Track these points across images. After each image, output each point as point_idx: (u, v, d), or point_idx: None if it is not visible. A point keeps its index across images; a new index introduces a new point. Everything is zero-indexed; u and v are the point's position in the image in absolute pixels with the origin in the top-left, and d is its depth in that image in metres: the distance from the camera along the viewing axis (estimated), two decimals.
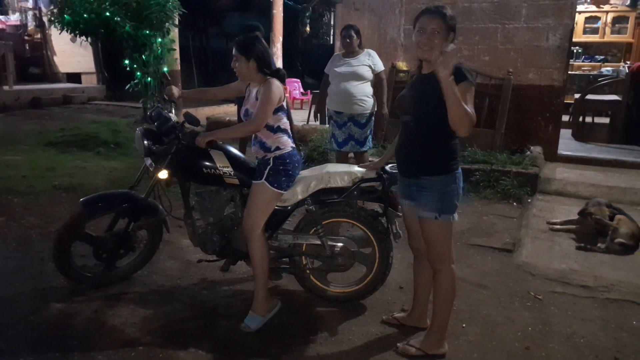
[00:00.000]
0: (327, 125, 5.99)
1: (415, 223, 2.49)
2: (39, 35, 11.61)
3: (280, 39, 9.52)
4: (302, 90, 11.35)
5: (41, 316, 2.78)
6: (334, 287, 3.03)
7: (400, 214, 2.79)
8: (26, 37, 11.63)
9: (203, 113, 9.17)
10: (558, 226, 4.29)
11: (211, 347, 2.56)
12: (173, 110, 3.00)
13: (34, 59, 11.74)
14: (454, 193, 2.33)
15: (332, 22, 17.20)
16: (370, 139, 4.79)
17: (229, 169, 2.80)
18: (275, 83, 2.65)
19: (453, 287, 2.48)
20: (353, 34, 4.46)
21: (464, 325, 2.83)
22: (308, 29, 11.11)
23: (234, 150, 2.92)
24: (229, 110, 9.82)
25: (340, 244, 2.91)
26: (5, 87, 9.32)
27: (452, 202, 2.34)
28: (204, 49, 15.65)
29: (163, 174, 2.86)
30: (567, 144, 6.71)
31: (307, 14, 10.76)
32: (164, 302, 2.99)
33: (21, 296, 2.99)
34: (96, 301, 2.95)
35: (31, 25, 11.59)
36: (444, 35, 2.22)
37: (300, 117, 8.49)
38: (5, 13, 11.84)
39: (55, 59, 11.71)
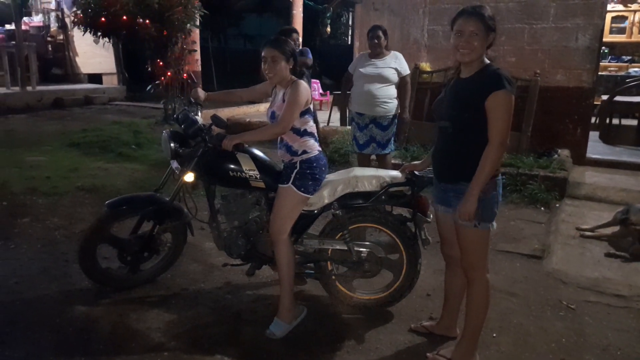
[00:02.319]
0: (348, 127, 5.95)
1: (449, 229, 2.41)
2: (61, 37, 11.77)
3: (300, 39, 9.49)
4: (321, 91, 11.29)
5: (67, 319, 2.77)
6: (360, 293, 2.97)
7: (429, 220, 2.73)
8: (49, 38, 11.79)
9: (223, 114, 9.18)
10: (589, 233, 4.15)
11: (236, 354, 2.53)
12: (199, 113, 2.97)
13: (56, 60, 11.90)
14: (493, 200, 2.25)
15: (350, 23, 17.15)
16: (393, 142, 4.72)
17: (255, 172, 2.76)
18: (303, 85, 2.61)
19: (487, 297, 2.40)
20: (381, 34, 4.40)
21: (494, 334, 2.75)
22: (329, 29, 11.04)
23: (260, 154, 2.88)
24: (249, 112, 9.81)
25: (366, 250, 2.85)
26: (29, 88, 9.45)
27: (492, 210, 2.26)
28: (223, 49, 15.71)
29: (189, 177, 2.83)
30: (594, 146, 6.54)
31: (328, 15, 10.69)
32: (188, 306, 2.96)
33: (46, 298, 3.00)
34: (121, 304, 2.94)
35: (54, 26, 11.75)
36: (483, 36, 2.15)
37: (320, 118, 8.41)
38: (29, 14, 12.03)
39: (77, 59, 11.86)
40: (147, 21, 7.12)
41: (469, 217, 2.18)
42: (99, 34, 7.46)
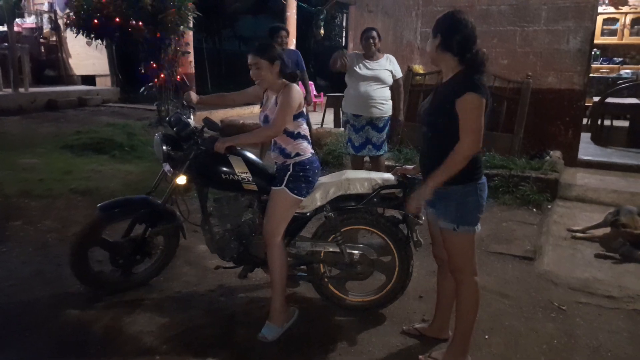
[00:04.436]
0: (341, 129, 5.96)
1: (438, 232, 2.43)
2: (54, 38, 11.69)
3: (294, 41, 9.52)
4: (315, 92, 11.29)
5: (59, 323, 2.77)
6: (353, 295, 2.98)
7: (421, 222, 2.74)
8: (42, 40, 11.71)
9: (217, 116, 9.15)
10: (580, 234, 4.18)
11: (229, 357, 2.54)
12: (192, 116, 2.98)
13: (49, 62, 11.82)
14: (474, 204, 2.26)
15: (344, 24, 17.16)
16: (386, 143, 4.74)
17: (247, 175, 2.76)
18: (295, 88, 2.63)
19: (476, 299, 2.41)
20: (375, 35, 4.44)
21: (486, 336, 2.77)
22: (322, 31, 11.04)
23: (252, 156, 2.89)
24: (242, 113, 9.81)
25: (359, 252, 2.86)
26: (21, 90, 9.38)
27: (472, 214, 2.27)
28: (217, 51, 15.67)
29: (181, 180, 2.84)
30: (586, 148, 6.59)
31: (322, 17, 10.69)
32: (181, 309, 2.96)
33: (39, 302, 2.99)
34: (113, 308, 2.93)
35: (47, 28, 11.67)
36: (430, 39, 2.29)
37: (314, 119, 8.44)
38: (21, 16, 11.95)
39: (71, 61, 11.79)
40: (140, 23, 7.10)
41: (414, 208, 2.26)
42: (92, 35, 7.43)
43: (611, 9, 10.01)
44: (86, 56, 11.14)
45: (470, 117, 2.12)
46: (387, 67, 4.48)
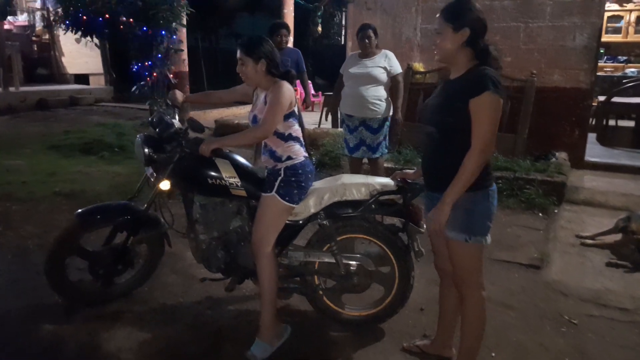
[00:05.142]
0: (340, 129, 5.78)
1: (441, 242, 2.23)
2: (46, 36, 11.51)
3: (291, 39, 9.30)
4: (313, 91, 11.10)
5: (32, 338, 2.57)
6: (349, 309, 2.78)
7: (423, 230, 2.54)
8: (34, 38, 11.53)
9: (212, 116, 8.98)
10: (590, 241, 3.98)
11: None
12: (176, 116, 2.77)
13: (41, 60, 11.64)
14: (485, 212, 2.07)
15: (343, 22, 16.98)
16: (384, 146, 4.54)
17: (235, 180, 2.56)
18: (286, 85, 2.42)
19: (483, 315, 2.22)
20: (371, 34, 4.22)
21: (493, 354, 2.57)
22: (320, 28, 10.87)
23: (241, 159, 2.69)
24: (237, 113, 9.62)
25: (356, 263, 2.66)
26: (11, 89, 9.20)
27: (484, 223, 2.07)
28: (214, 49, 15.47)
29: (165, 185, 2.63)
30: (592, 149, 6.38)
31: (319, 14, 10.52)
32: (164, 323, 2.77)
33: (12, 314, 2.80)
34: (91, 322, 2.73)
35: (39, 25, 11.49)
36: (449, 33, 2.01)
37: (312, 119, 8.27)
38: (14, 13, 11.74)
39: (63, 59, 11.60)
40: (131, 20, 6.89)
41: (439, 226, 2.02)
42: (80, 33, 7.21)
43: (615, 6, 9.82)
44: (79, 54, 10.95)
45: (487, 120, 1.93)
46: (381, 64, 4.26)
